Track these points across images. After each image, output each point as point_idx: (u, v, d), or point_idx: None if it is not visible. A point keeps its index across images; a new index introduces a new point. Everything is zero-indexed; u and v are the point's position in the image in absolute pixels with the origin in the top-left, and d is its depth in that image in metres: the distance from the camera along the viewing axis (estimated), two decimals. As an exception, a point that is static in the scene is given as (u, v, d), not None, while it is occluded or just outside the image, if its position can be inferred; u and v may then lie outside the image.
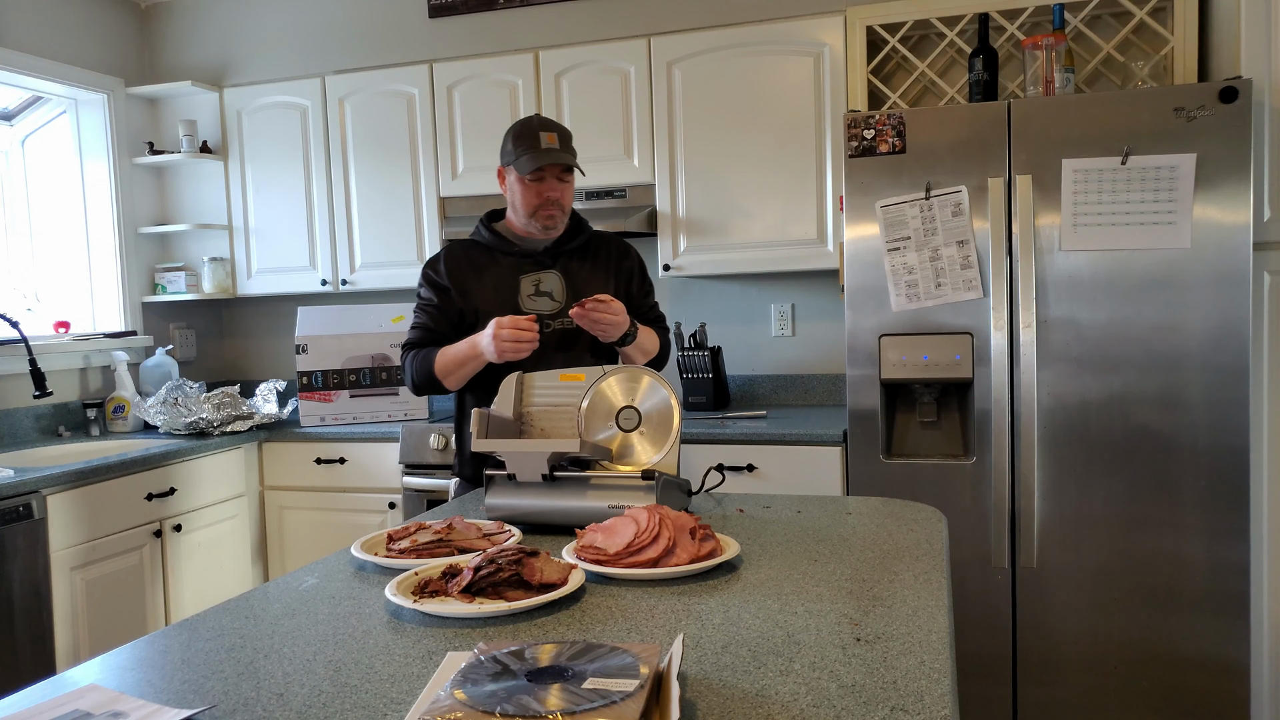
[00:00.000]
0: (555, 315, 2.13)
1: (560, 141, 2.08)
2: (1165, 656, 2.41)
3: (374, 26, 3.71)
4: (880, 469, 2.59)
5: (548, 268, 2.16)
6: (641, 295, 2.30)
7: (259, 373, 4.08)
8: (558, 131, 2.09)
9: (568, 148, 2.10)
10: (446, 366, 2.09)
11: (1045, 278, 2.43)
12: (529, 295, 2.14)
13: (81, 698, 0.95)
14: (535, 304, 2.14)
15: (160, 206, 3.87)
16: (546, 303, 2.14)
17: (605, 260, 2.23)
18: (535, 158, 2.05)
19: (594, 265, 2.21)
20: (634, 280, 2.27)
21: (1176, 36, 2.72)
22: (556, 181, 2.10)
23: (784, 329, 3.40)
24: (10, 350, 3.15)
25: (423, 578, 1.29)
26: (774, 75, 3.03)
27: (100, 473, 2.72)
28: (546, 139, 2.06)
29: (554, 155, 2.05)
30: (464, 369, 2.08)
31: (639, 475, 1.58)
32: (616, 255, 2.25)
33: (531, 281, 2.15)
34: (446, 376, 2.10)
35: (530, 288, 2.14)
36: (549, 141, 2.06)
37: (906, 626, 1.09)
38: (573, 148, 2.13)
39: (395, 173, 3.45)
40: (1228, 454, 2.34)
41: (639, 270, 2.29)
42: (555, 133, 2.08)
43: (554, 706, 0.81)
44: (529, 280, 2.15)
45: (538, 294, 2.14)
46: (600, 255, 2.23)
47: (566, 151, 2.08)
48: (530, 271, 2.15)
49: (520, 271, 2.15)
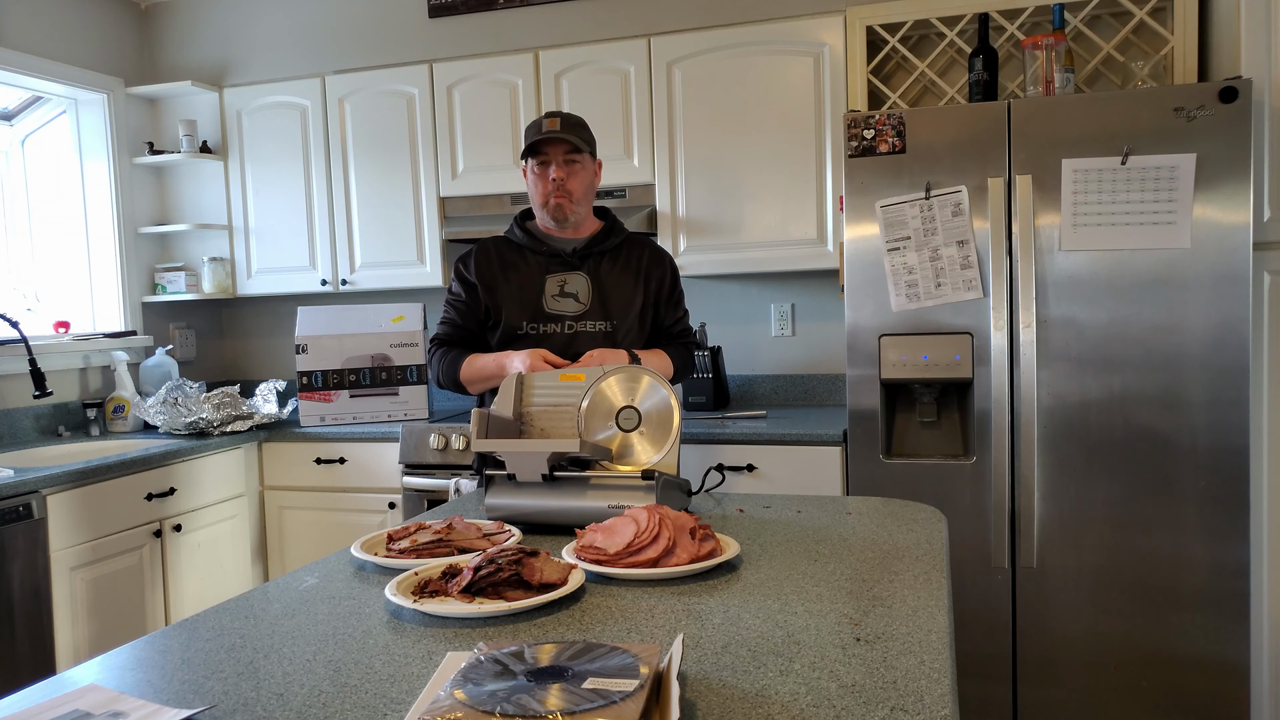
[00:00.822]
0: (579, 317, 2.12)
1: (564, 125, 2.05)
2: (1165, 656, 2.41)
3: (374, 26, 3.71)
4: (880, 469, 2.59)
5: (575, 269, 2.14)
6: (670, 307, 2.24)
7: (259, 373, 4.08)
8: (562, 117, 2.07)
9: (572, 130, 2.06)
10: (472, 376, 2.11)
11: (1045, 278, 2.43)
12: (553, 295, 2.12)
13: (81, 698, 0.95)
14: (559, 304, 2.12)
15: (160, 206, 3.87)
16: (571, 304, 2.12)
17: (636, 265, 2.19)
18: (534, 138, 2.05)
19: (623, 269, 2.17)
20: (663, 290, 2.22)
21: (1176, 36, 2.72)
22: (560, 164, 2.07)
23: (784, 329, 3.40)
24: (10, 350, 3.15)
25: (423, 578, 1.29)
26: (774, 75, 3.03)
27: (100, 473, 2.72)
28: (548, 124, 2.05)
29: (550, 134, 2.03)
30: (488, 383, 2.09)
31: (639, 475, 1.58)
32: (649, 261, 2.21)
33: (557, 282, 2.13)
34: (470, 384, 2.13)
35: (555, 288, 2.13)
36: (550, 126, 2.05)
37: (906, 626, 1.09)
38: (583, 131, 2.09)
39: (395, 173, 3.45)
40: (1228, 454, 2.34)
41: (670, 280, 2.24)
42: (559, 118, 2.06)
43: (554, 706, 0.81)
44: (554, 280, 2.13)
45: (562, 294, 2.12)
46: (632, 260, 2.19)
47: (566, 131, 2.04)
48: (557, 272, 2.14)
49: (547, 271, 2.14)
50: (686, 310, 2.32)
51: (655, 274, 2.21)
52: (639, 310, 2.17)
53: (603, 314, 2.13)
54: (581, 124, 2.10)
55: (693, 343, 2.32)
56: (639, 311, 2.17)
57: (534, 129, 2.08)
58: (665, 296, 2.23)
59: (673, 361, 2.21)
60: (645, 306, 2.19)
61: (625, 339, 2.15)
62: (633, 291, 2.16)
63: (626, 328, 2.15)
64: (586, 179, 2.12)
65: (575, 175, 2.09)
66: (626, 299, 2.16)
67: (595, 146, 2.16)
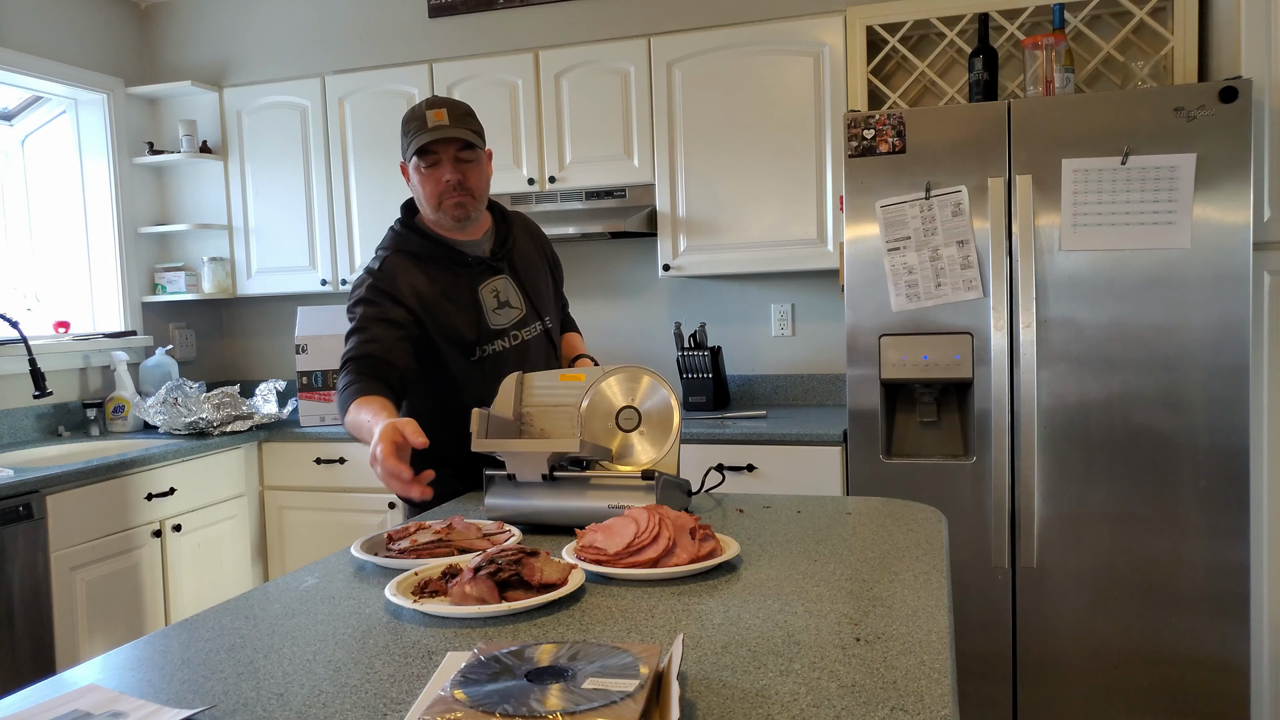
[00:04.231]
0: (519, 324, 1.95)
1: (451, 116, 1.80)
2: (1165, 656, 2.41)
3: (374, 26, 3.71)
4: (880, 469, 2.59)
5: (499, 272, 1.95)
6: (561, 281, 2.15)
7: (259, 373, 4.08)
8: (448, 107, 1.81)
9: (461, 122, 1.82)
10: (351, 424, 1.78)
11: (1045, 278, 2.43)
12: (494, 310, 1.92)
13: (81, 698, 0.95)
14: (500, 317, 1.93)
15: (160, 206, 3.87)
16: (508, 313, 1.94)
17: (536, 248, 2.06)
18: (420, 138, 1.80)
19: (529, 257, 2.02)
20: (556, 264, 2.12)
21: (1176, 36, 2.72)
22: (454, 164, 1.83)
23: (784, 329, 3.40)
24: (10, 350, 3.15)
25: (423, 578, 1.29)
26: (774, 75, 3.03)
27: (100, 473, 2.72)
28: (434, 117, 1.79)
29: (441, 131, 1.78)
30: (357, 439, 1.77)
31: (639, 475, 1.58)
32: (537, 237, 2.07)
33: (490, 293, 1.93)
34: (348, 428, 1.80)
35: (492, 301, 1.93)
36: (436, 119, 1.79)
37: (906, 626, 1.09)
38: (471, 122, 1.85)
39: (395, 173, 3.44)
40: (1228, 454, 2.34)
41: (552, 250, 2.14)
42: (444, 109, 1.81)
43: (554, 706, 0.81)
44: (488, 291, 1.92)
45: (500, 306, 1.93)
46: (528, 243, 2.04)
47: (458, 126, 1.80)
48: (485, 280, 1.93)
49: (478, 282, 1.92)
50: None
51: (547, 249, 2.10)
52: (553, 294, 2.08)
53: (535, 314, 1.98)
54: (468, 112, 1.86)
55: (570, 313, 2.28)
56: (554, 296, 2.08)
57: (417, 123, 1.81)
58: (560, 273, 2.15)
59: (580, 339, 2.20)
60: (556, 288, 2.10)
61: (554, 329, 2.04)
62: (543, 277, 2.03)
63: (552, 318, 2.04)
64: (483, 174, 1.90)
65: (472, 172, 1.86)
66: (543, 288, 2.02)
67: (484, 134, 1.91)
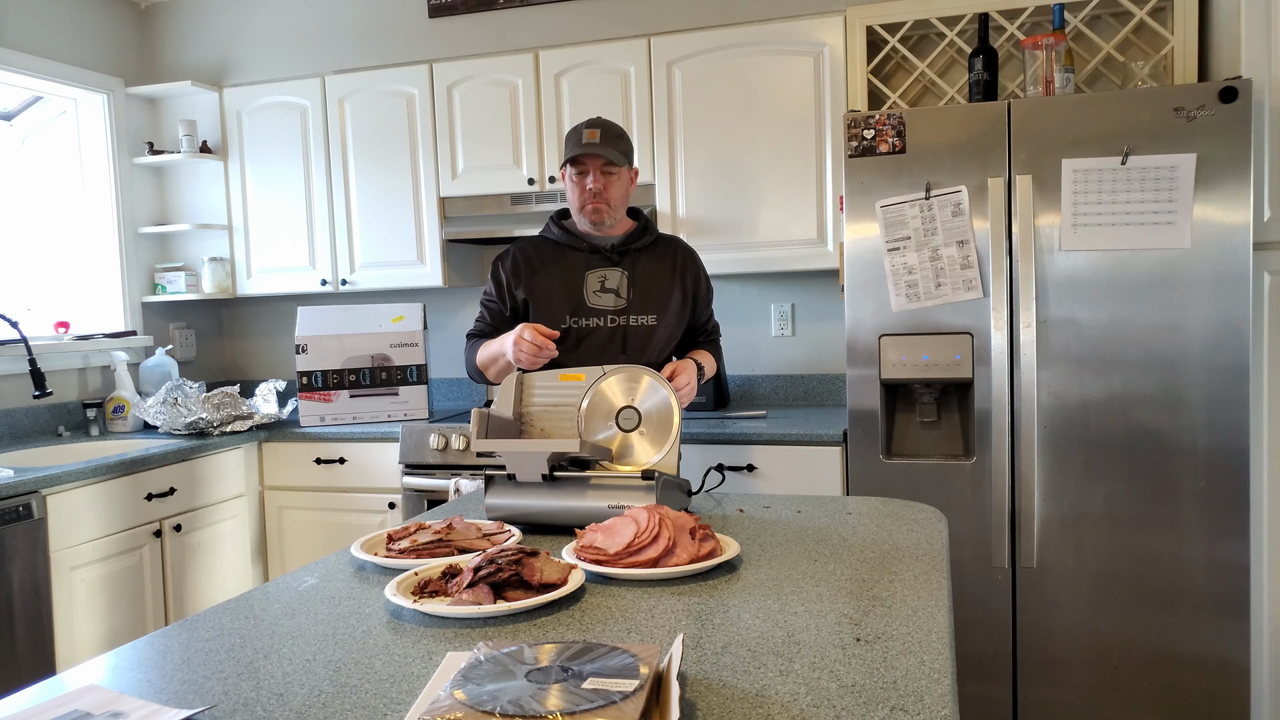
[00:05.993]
0: (622, 311, 2.17)
1: (603, 136, 2.12)
2: (1165, 656, 2.41)
3: (374, 26, 3.71)
4: (880, 469, 2.59)
5: (614, 264, 2.20)
6: (705, 304, 2.35)
7: (259, 373, 4.08)
8: (601, 128, 2.13)
9: (610, 143, 2.13)
10: (484, 361, 2.18)
11: (1045, 278, 2.43)
12: (594, 291, 2.18)
13: (81, 698, 0.95)
14: (600, 300, 2.18)
15: (160, 206, 3.87)
16: (611, 299, 2.18)
17: (671, 262, 2.26)
18: (571, 151, 2.12)
19: (659, 266, 2.24)
20: (699, 287, 2.31)
21: (1176, 36, 2.72)
22: (598, 175, 2.13)
23: (784, 329, 3.40)
24: (10, 350, 3.15)
25: (423, 578, 1.29)
26: (774, 75, 3.03)
27: (100, 473, 2.72)
28: (588, 135, 2.11)
29: (589, 148, 2.10)
30: (496, 365, 2.14)
31: (639, 475, 1.58)
32: (683, 259, 2.29)
33: (597, 278, 2.19)
34: (485, 369, 2.19)
35: (596, 284, 2.19)
36: (589, 137, 2.11)
37: (906, 626, 1.09)
38: (622, 144, 2.16)
39: (395, 173, 3.45)
40: (1228, 454, 2.34)
41: (704, 277, 2.34)
42: (599, 129, 2.13)
43: (554, 706, 0.81)
44: (595, 276, 2.19)
45: (603, 290, 2.18)
46: (666, 257, 2.26)
47: (607, 146, 2.11)
48: (597, 268, 2.19)
49: (588, 267, 2.19)
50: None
51: (690, 271, 2.29)
52: (679, 307, 2.25)
53: (647, 308, 2.20)
54: (621, 135, 2.17)
55: (719, 336, 2.45)
56: (679, 308, 2.25)
57: (574, 139, 2.13)
58: (702, 294, 2.33)
59: (716, 360, 2.36)
60: (684, 304, 2.27)
61: (665, 333, 2.22)
62: (670, 288, 2.23)
63: (667, 322, 2.22)
64: (623, 188, 2.19)
65: (612, 185, 2.16)
66: (666, 294, 2.23)
67: (633, 154, 2.23)
